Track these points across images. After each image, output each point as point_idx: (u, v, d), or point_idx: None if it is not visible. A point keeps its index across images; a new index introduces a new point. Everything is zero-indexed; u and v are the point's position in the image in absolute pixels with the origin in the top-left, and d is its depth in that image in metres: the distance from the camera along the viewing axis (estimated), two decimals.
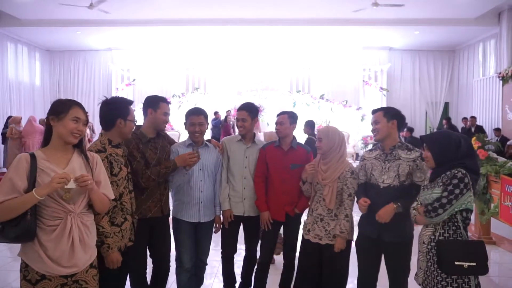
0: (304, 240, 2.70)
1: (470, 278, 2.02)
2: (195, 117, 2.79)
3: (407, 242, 2.47)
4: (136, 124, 2.59)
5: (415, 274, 2.26)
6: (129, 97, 9.99)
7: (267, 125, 11.38)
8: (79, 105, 1.91)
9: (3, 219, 1.72)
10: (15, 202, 1.71)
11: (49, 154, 1.83)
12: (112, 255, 2.09)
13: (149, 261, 2.77)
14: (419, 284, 2.21)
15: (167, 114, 2.71)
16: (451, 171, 2.08)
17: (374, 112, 2.59)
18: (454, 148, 2.11)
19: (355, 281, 2.68)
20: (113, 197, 2.06)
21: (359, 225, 2.62)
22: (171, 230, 2.84)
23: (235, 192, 2.93)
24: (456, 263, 1.98)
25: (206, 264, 2.96)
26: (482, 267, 2.01)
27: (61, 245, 1.79)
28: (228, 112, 11.37)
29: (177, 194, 2.81)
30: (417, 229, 2.43)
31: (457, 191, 2.02)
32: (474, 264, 1.99)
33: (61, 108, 1.85)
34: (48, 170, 1.78)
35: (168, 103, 2.79)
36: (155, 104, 2.67)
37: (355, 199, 2.61)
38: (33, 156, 1.78)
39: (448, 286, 2.03)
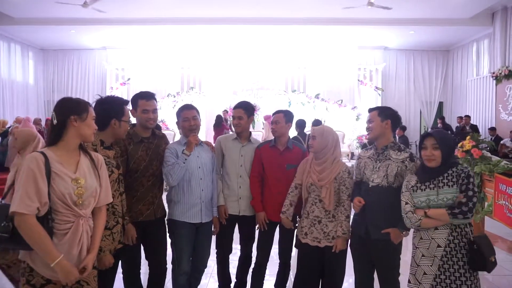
0: (302, 244, 2.66)
1: (477, 272, 2.09)
2: (188, 111, 2.75)
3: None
4: (131, 123, 2.56)
5: (409, 281, 2.22)
6: (124, 97, 9.91)
7: (262, 124, 11.36)
8: (90, 104, 1.92)
9: (20, 231, 1.67)
10: (37, 240, 1.65)
11: (60, 155, 1.78)
12: (104, 258, 2.09)
13: (145, 263, 2.76)
14: None
15: (147, 111, 2.57)
16: (456, 169, 2.11)
17: (370, 111, 2.59)
18: (454, 148, 2.18)
19: (351, 280, 2.68)
20: (111, 200, 2.04)
21: (351, 224, 2.63)
22: (167, 232, 2.79)
23: (230, 191, 2.92)
24: (490, 259, 2.07)
25: (206, 267, 2.92)
26: (495, 260, 2.11)
27: (72, 250, 1.77)
28: (224, 112, 11.33)
29: (175, 195, 2.74)
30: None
31: (476, 189, 2.08)
32: (494, 257, 2.09)
33: (82, 109, 1.84)
34: (62, 174, 1.74)
35: (150, 97, 2.62)
36: (134, 104, 2.62)
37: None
38: (45, 157, 1.73)
39: (472, 285, 2.07)
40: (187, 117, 2.73)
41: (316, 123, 6.46)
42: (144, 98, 2.60)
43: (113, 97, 2.42)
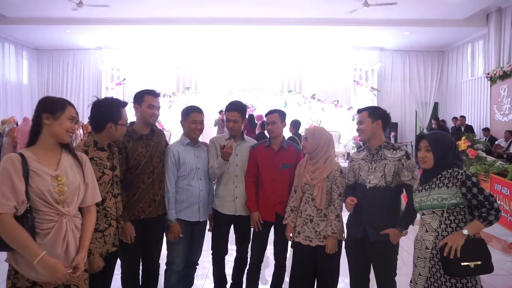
0: (294, 242, 2.68)
1: (477, 280, 2.00)
2: (198, 114, 2.79)
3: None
4: (130, 122, 2.57)
5: (411, 281, 2.22)
6: (119, 97, 9.88)
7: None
8: (71, 103, 1.88)
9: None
10: (16, 238, 1.63)
11: (39, 154, 1.76)
12: (93, 261, 2.05)
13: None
14: None
15: (152, 106, 2.61)
16: (447, 171, 2.08)
17: (359, 111, 2.58)
18: (453, 150, 2.12)
19: (346, 280, 2.67)
20: (100, 199, 2.01)
21: (347, 225, 2.61)
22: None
23: (226, 191, 2.91)
24: (462, 264, 1.93)
25: (197, 264, 2.94)
26: (488, 266, 1.97)
27: (56, 249, 1.73)
28: (221, 113, 11.27)
29: (175, 193, 2.74)
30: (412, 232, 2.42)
31: (480, 187, 2.01)
32: (479, 263, 1.95)
33: (57, 107, 1.80)
34: (41, 172, 1.72)
35: (156, 95, 2.68)
36: (140, 98, 2.63)
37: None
38: (22, 157, 1.70)
39: None
40: (196, 120, 2.77)
41: (295, 123, 6.45)
42: (151, 94, 2.65)
43: (111, 99, 2.36)
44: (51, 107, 1.80)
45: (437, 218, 2.07)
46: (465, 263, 1.93)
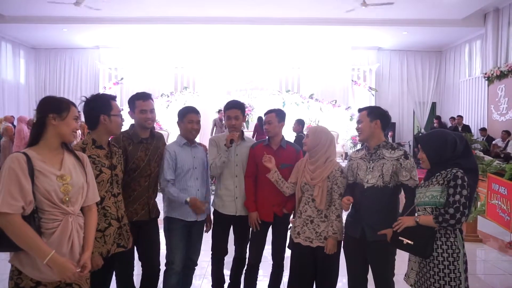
0: (295, 243, 2.66)
1: (461, 280, 2.02)
2: (194, 115, 2.78)
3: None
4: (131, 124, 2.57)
5: (405, 275, 2.24)
6: (117, 96, 9.85)
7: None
8: (73, 103, 1.89)
9: (6, 232, 1.63)
10: (26, 238, 1.62)
11: (43, 154, 1.76)
12: (92, 260, 2.03)
13: (138, 263, 2.73)
14: (410, 285, 2.20)
15: (144, 111, 2.58)
16: (446, 171, 2.07)
17: (359, 111, 2.59)
18: (450, 149, 2.09)
19: (344, 280, 2.67)
20: (99, 199, 2.01)
21: (345, 225, 2.62)
22: (161, 232, 2.78)
23: (227, 191, 2.91)
24: (399, 237, 2.14)
25: (196, 265, 2.93)
26: (418, 249, 2.08)
27: (61, 249, 1.72)
28: (221, 113, 11.26)
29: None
30: None
31: (464, 192, 2.00)
32: (411, 243, 2.09)
33: (63, 107, 1.81)
34: (46, 172, 1.71)
35: (147, 98, 2.63)
36: (132, 104, 2.63)
37: None
38: (26, 156, 1.70)
39: (446, 286, 2.01)
40: (193, 120, 2.77)
41: (301, 122, 6.59)
42: (141, 99, 2.61)
43: (98, 94, 2.38)
44: (57, 108, 1.79)
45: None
46: (401, 238, 2.14)
